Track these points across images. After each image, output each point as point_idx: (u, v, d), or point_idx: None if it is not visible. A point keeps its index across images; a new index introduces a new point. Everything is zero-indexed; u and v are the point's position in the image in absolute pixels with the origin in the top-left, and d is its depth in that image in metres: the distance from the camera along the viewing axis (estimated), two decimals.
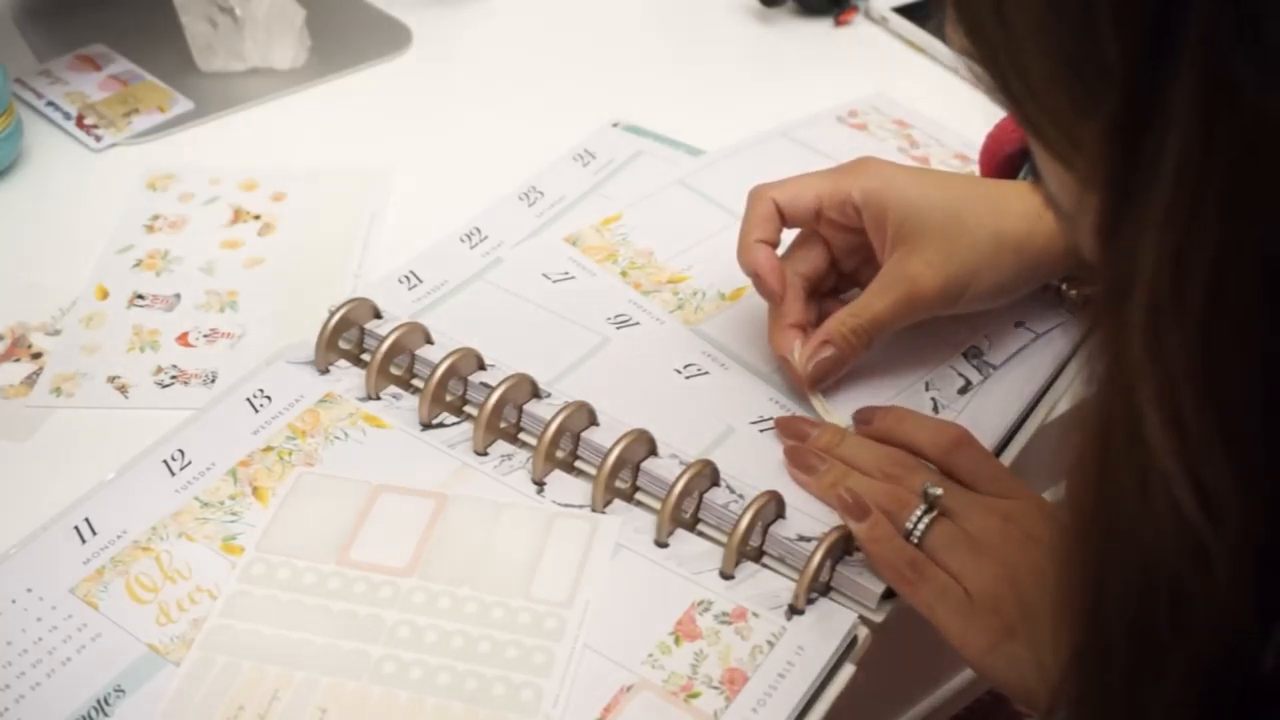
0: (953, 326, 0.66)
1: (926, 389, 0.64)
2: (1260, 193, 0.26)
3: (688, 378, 0.64)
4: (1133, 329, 0.28)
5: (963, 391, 0.63)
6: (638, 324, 0.67)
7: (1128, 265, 0.28)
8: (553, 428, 0.59)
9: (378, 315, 0.66)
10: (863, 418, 0.61)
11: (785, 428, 0.61)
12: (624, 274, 0.70)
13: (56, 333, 0.69)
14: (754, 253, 0.62)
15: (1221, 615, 0.30)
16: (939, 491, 0.54)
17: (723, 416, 0.62)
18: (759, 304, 0.68)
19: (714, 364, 0.65)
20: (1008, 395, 0.63)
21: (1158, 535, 0.30)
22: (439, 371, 0.61)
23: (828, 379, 0.62)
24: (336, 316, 0.64)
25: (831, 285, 0.66)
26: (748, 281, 0.66)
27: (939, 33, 0.91)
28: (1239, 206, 0.26)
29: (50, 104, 0.86)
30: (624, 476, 0.59)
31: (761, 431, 0.62)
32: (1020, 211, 0.60)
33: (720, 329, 0.67)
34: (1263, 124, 0.26)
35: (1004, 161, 0.67)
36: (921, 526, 0.54)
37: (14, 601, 0.55)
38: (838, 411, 0.62)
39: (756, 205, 0.62)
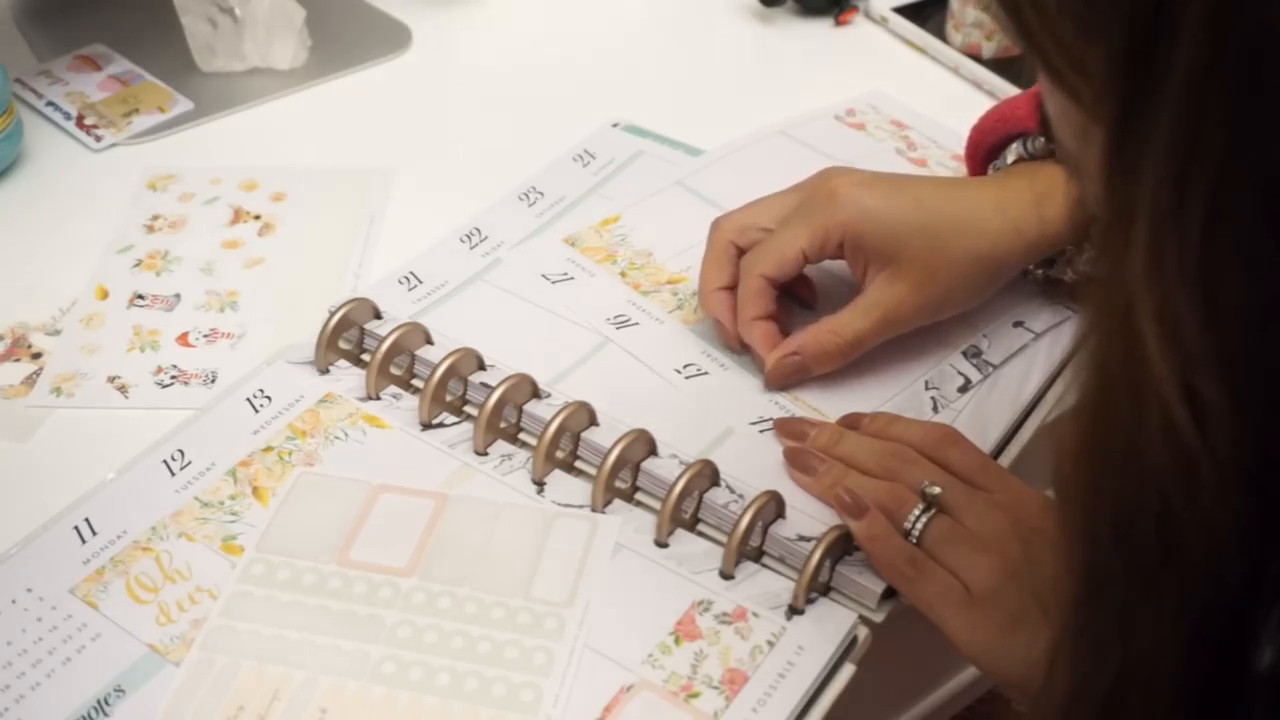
0: (951, 326, 0.66)
1: (926, 388, 0.64)
2: (1264, 109, 0.27)
3: (688, 378, 0.64)
4: (1134, 248, 0.29)
5: (963, 390, 0.64)
6: (637, 324, 0.67)
7: (1131, 186, 0.29)
8: (553, 428, 0.59)
9: (378, 315, 0.66)
10: (849, 423, 0.61)
11: (784, 428, 0.61)
12: (623, 274, 0.70)
13: (56, 333, 0.69)
14: (715, 302, 0.65)
15: (1209, 538, 0.31)
16: (937, 490, 0.54)
17: (723, 416, 0.62)
18: None
19: (714, 364, 0.65)
20: (1007, 394, 0.63)
21: (1151, 453, 0.30)
22: (439, 371, 0.61)
23: (790, 383, 0.64)
24: (336, 316, 0.64)
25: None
26: None
27: (939, 33, 0.91)
28: (1242, 122, 0.27)
29: (50, 104, 0.86)
30: (624, 476, 0.59)
31: (761, 432, 0.62)
32: (998, 228, 0.61)
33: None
34: (1268, 38, 0.26)
35: (988, 152, 0.68)
36: (921, 524, 0.54)
37: (14, 601, 0.55)
38: (836, 412, 0.62)
39: (733, 272, 0.64)
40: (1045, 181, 0.62)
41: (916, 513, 0.54)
